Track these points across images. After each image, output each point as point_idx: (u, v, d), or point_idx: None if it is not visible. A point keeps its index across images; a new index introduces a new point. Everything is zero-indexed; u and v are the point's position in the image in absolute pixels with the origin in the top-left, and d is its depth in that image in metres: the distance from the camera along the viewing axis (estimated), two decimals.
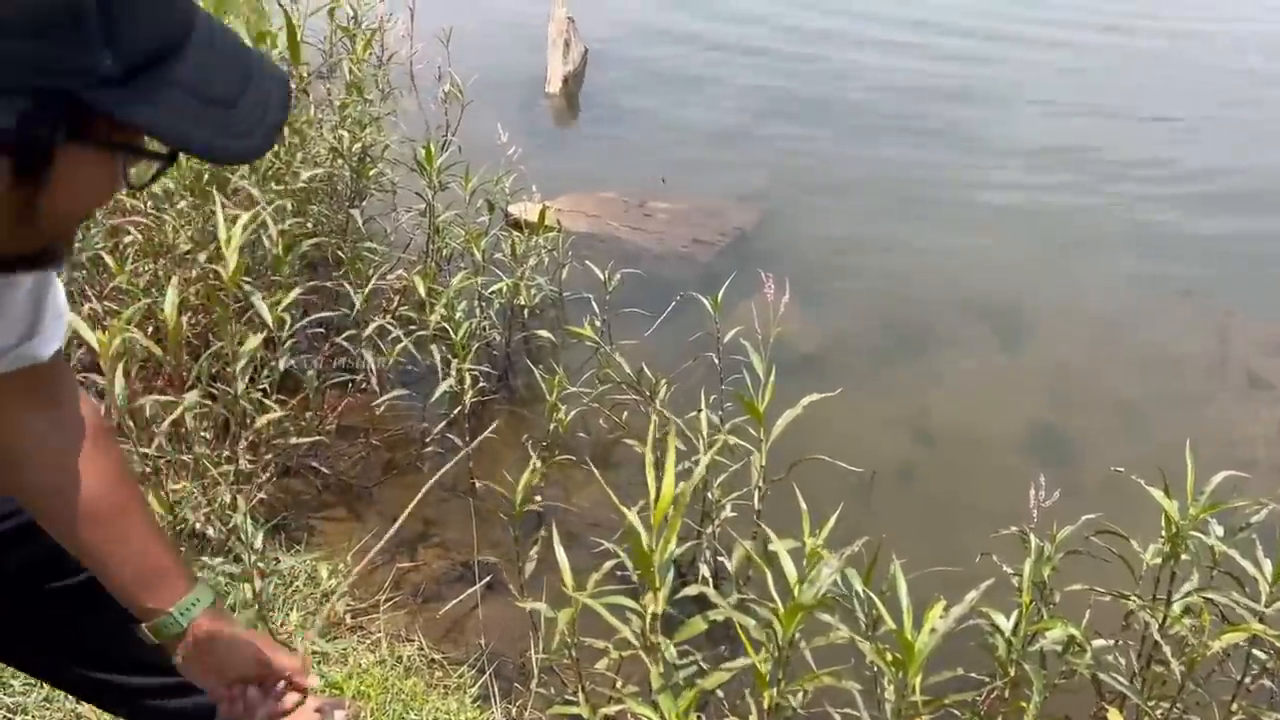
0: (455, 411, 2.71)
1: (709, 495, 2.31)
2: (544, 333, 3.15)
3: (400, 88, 4.75)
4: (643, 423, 2.54)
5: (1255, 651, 1.80)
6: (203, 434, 2.33)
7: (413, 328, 2.80)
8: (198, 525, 2.24)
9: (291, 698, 1.17)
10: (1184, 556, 1.73)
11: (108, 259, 2.36)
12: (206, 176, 2.72)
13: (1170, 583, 1.79)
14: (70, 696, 1.79)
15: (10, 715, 1.75)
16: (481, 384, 2.84)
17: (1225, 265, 4.08)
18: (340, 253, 3.02)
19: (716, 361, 2.66)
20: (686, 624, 1.40)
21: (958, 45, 6.62)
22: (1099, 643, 1.87)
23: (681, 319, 3.34)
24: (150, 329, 2.45)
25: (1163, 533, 1.75)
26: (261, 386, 2.50)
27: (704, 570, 2.31)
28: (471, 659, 2.11)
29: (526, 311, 3.29)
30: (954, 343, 3.55)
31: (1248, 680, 1.82)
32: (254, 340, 2.12)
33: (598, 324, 3.02)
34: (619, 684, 1.77)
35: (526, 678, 2.03)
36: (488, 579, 2.37)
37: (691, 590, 1.62)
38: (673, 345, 3.14)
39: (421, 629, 2.22)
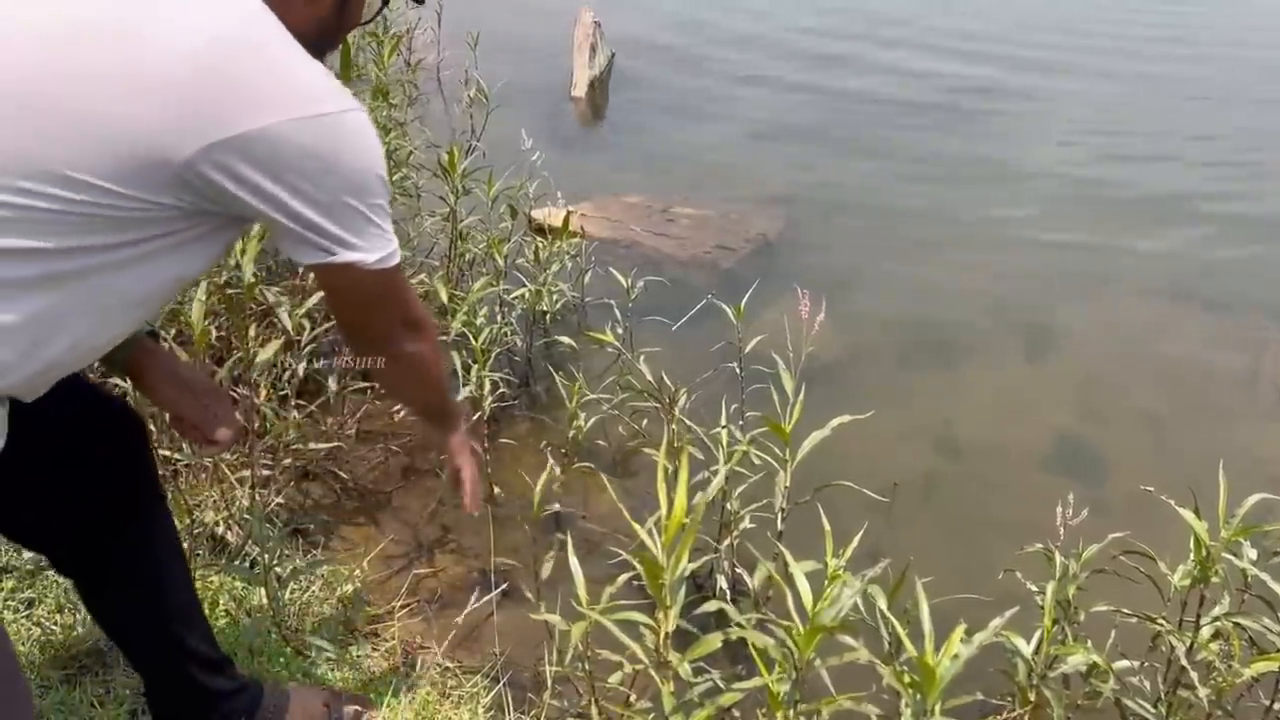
0: (475, 417, 2.70)
1: (727, 507, 2.28)
2: (565, 339, 3.14)
3: (427, 92, 4.78)
4: (663, 431, 2.53)
5: None
6: None
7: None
8: (217, 529, 2.24)
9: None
10: (1214, 580, 1.69)
11: None
12: None
13: (1200, 606, 1.75)
14: (85, 699, 1.80)
15: None
16: (501, 390, 2.83)
17: (1256, 280, 4.01)
18: None
19: (738, 371, 2.64)
20: (702, 641, 1.37)
21: (992, 56, 6.56)
22: (1123, 664, 1.83)
23: (704, 325, 3.32)
24: (174, 331, 2.46)
25: (1192, 555, 1.71)
26: (283, 391, 2.51)
27: (721, 583, 2.28)
28: (486, 668, 2.09)
29: (548, 317, 3.28)
30: (979, 354, 3.51)
31: (1277, 707, 1.77)
32: (272, 346, 2.12)
33: (619, 330, 3.01)
34: (632, 698, 1.75)
35: (540, 688, 2.02)
36: (504, 586, 2.36)
37: (711, 606, 1.60)
38: (695, 352, 3.11)
39: (436, 636, 2.21)
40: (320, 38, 1.16)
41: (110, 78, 0.99)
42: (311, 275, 2.30)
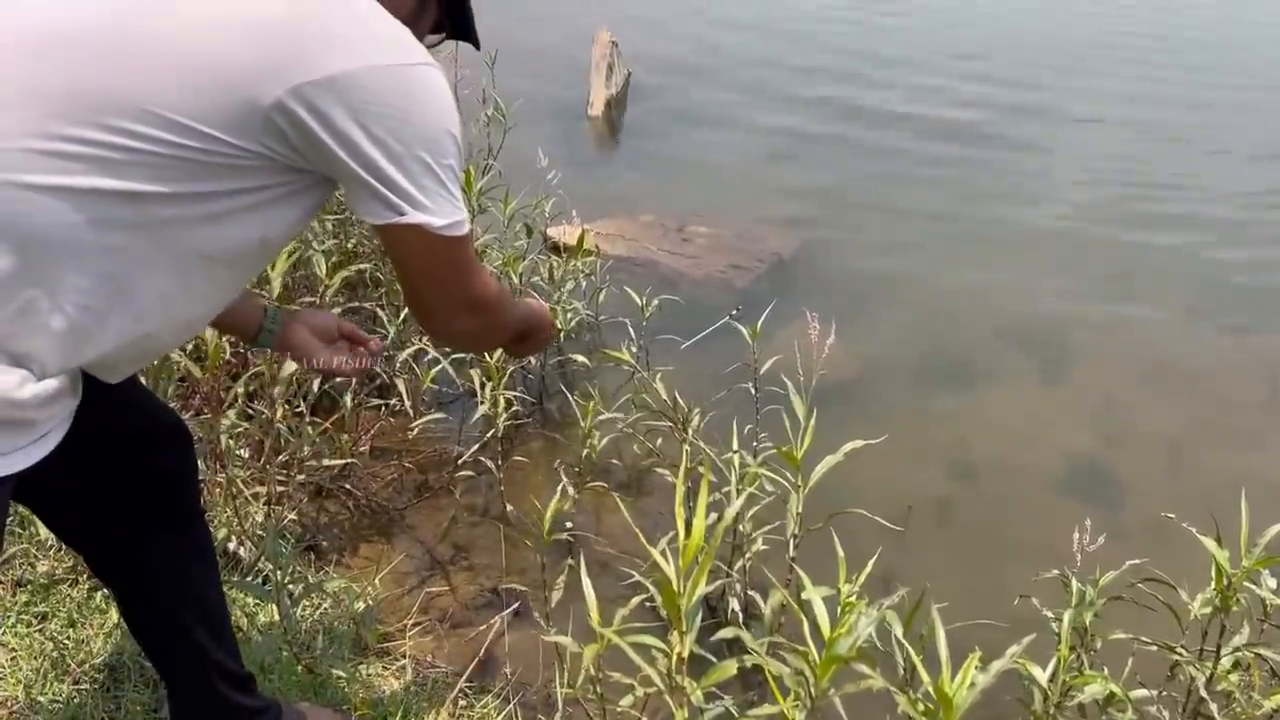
0: (488, 435, 2.70)
1: (740, 529, 2.27)
2: (579, 357, 3.14)
3: None
4: (676, 450, 2.52)
5: None
6: (238, 453, 2.34)
7: (449, 350, 2.80)
8: (230, 546, 2.24)
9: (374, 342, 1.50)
10: (1234, 609, 1.67)
11: None
12: None
13: (1220, 636, 1.72)
14: (96, 714, 1.80)
15: None
16: (516, 408, 2.83)
17: (1275, 303, 3.98)
18: (380, 275, 3.04)
19: (753, 392, 2.63)
20: (718, 667, 1.36)
21: (1009, 75, 6.56)
22: (1141, 694, 1.80)
23: (719, 344, 3.31)
24: (190, 347, 2.48)
25: (1213, 584, 1.69)
26: (298, 409, 2.51)
27: (734, 605, 2.27)
28: (497, 688, 2.09)
29: (563, 335, 3.28)
30: (995, 375, 3.49)
31: None
32: (292, 364, 2.13)
33: (634, 349, 3.01)
34: None
35: (551, 710, 2.01)
36: (515, 606, 2.35)
37: (727, 633, 1.59)
38: (710, 371, 3.11)
39: (447, 655, 2.21)
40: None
41: (200, 20, 1.03)
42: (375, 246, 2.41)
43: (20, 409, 1.03)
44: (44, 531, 2.10)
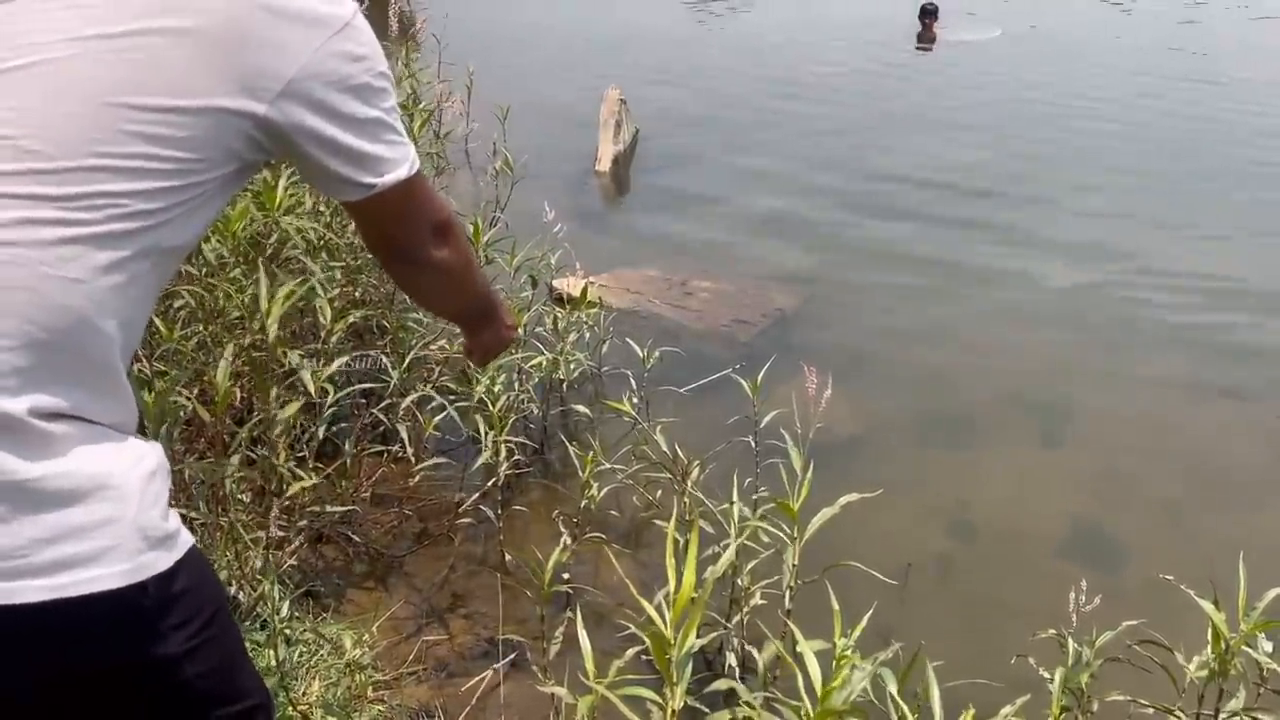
0: (489, 483, 2.71)
1: (738, 583, 2.27)
2: (581, 407, 3.16)
3: (455, 163, 4.90)
4: (676, 502, 2.53)
5: None
6: (240, 497, 2.35)
7: (453, 398, 2.83)
8: (230, 590, 2.24)
9: None
10: (1232, 673, 1.67)
11: (158, 322, 2.42)
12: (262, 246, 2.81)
13: (1218, 699, 1.72)
14: None
15: None
16: (517, 457, 2.85)
17: (1275, 368, 4.00)
18: (385, 322, 3.07)
19: (753, 445, 2.65)
20: (710, 719, 1.36)
21: (1010, 138, 6.66)
22: None
23: (720, 397, 3.34)
24: (197, 390, 2.50)
25: (1210, 647, 1.69)
26: (300, 453, 2.53)
27: (731, 659, 2.26)
28: None
29: (565, 386, 3.31)
30: (996, 435, 3.50)
31: None
32: (292, 406, 2.15)
33: (635, 400, 3.03)
34: None
35: None
36: (512, 656, 2.34)
37: (721, 685, 1.59)
38: (711, 424, 3.13)
39: (443, 705, 2.20)
40: None
41: (165, 58, 0.96)
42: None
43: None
44: None
